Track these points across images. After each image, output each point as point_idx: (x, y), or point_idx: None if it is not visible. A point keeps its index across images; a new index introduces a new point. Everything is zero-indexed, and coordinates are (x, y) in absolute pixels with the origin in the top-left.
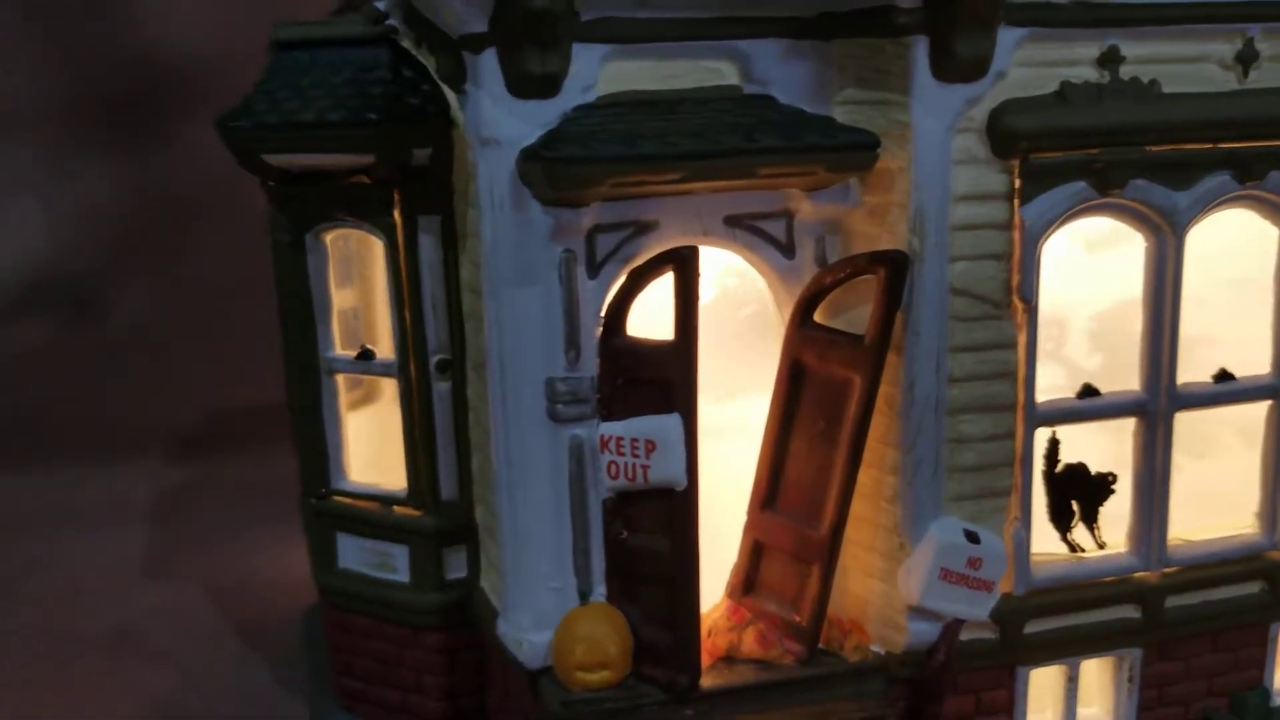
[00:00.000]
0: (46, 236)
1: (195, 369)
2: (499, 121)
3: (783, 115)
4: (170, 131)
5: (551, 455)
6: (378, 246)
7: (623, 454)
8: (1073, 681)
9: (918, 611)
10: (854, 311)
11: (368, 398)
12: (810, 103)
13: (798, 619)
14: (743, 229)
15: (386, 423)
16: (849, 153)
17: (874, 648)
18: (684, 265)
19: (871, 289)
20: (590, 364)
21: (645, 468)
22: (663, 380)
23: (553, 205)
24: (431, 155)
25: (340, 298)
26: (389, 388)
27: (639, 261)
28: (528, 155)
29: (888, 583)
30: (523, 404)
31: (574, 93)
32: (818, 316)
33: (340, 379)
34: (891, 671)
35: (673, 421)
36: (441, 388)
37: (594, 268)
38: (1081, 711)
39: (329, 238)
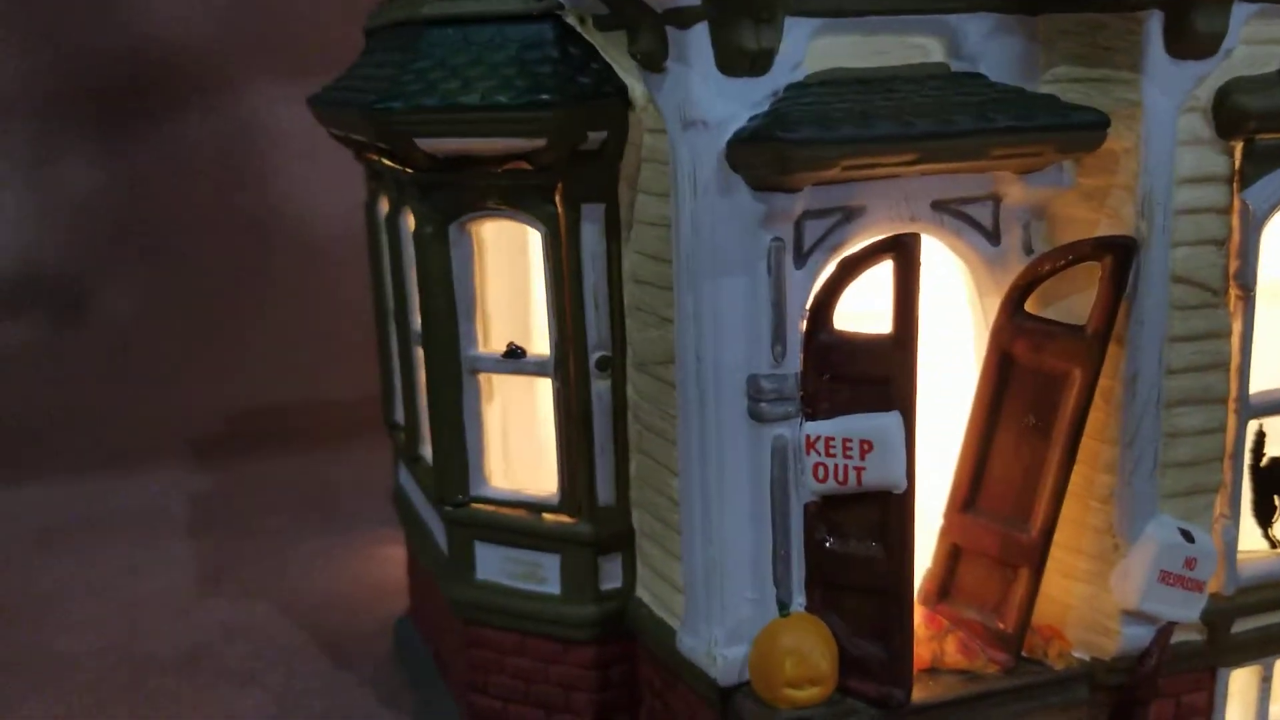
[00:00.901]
0: (31, 231)
1: (195, 369)
2: (707, 101)
3: (1005, 94)
4: (158, 125)
5: (752, 457)
6: (519, 238)
7: (833, 455)
8: (1266, 681)
9: (1132, 615)
10: (1065, 301)
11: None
12: (1018, 81)
13: (1002, 626)
14: (949, 214)
15: (511, 424)
16: (1081, 132)
17: (1076, 654)
18: (905, 253)
19: (1086, 276)
20: (795, 360)
21: (859, 470)
22: (879, 377)
23: (765, 190)
24: (605, 139)
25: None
26: (515, 387)
27: (847, 250)
28: (752, 136)
29: (1095, 586)
30: (723, 403)
31: (784, 71)
32: (1026, 307)
33: (482, 379)
34: (1097, 678)
35: (892, 420)
36: (600, 386)
37: (801, 257)
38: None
39: (475, 229)
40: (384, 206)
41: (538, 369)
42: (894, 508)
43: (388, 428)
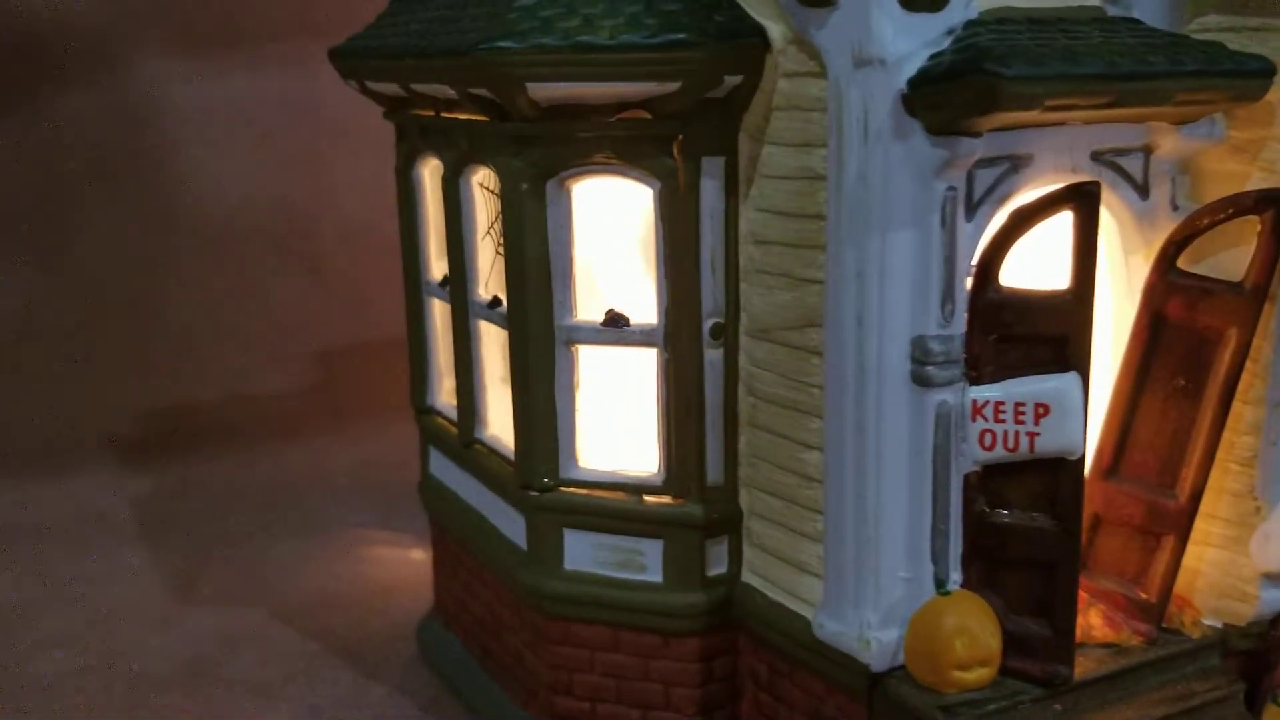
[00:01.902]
0: None
1: (99, 367)
2: (887, 38)
3: (1173, 39)
4: (40, 103)
5: (912, 426)
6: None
7: (1002, 421)
8: None
9: (1272, 579)
10: (1212, 258)
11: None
12: (1166, 27)
13: (1144, 596)
14: (1106, 165)
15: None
16: (1255, 80)
17: (1206, 621)
18: (1087, 202)
19: (1237, 232)
20: (960, 320)
21: (1033, 435)
22: (1055, 336)
23: (946, 134)
24: (738, 85)
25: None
26: (599, 359)
27: (1013, 201)
28: (948, 72)
29: (1232, 551)
30: (885, 368)
31: (959, 7)
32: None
33: (577, 351)
34: (1230, 644)
35: (1071, 381)
36: (713, 356)
37: (971, 208)
38: None
39: (573, 186)
40: (425, 169)
41: (643, 339)
42: (1066, 475)
43: (417, 413)
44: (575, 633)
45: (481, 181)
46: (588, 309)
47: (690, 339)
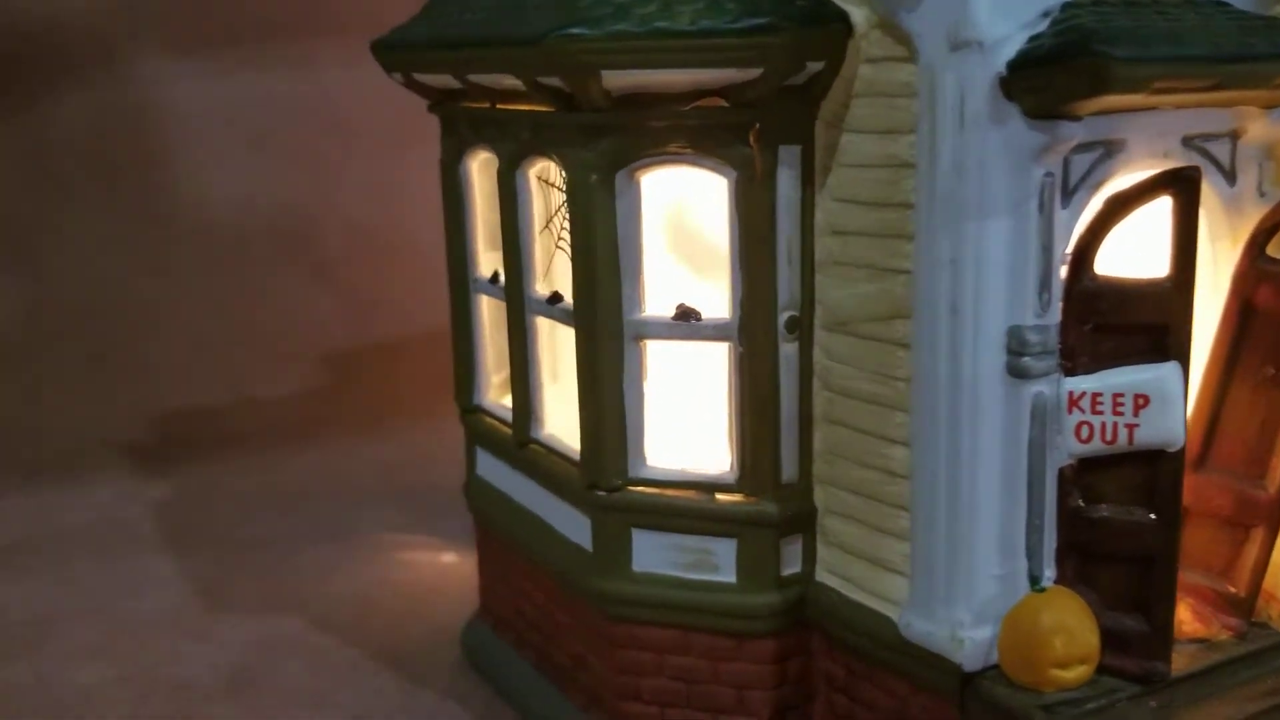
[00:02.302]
0: None
1: (102, 372)
2: (985, 19)
3: (1265, 22)
4: (38, 104)
5: (1007, 419)
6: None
7: (1099, 412)
8: None
9: None
10: None
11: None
12: (1252, 9)
13: (1233, 589)
14: (1196, 151)
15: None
16: None
17: None
18: (1188, 188)
19: None
20: (1056, 309)
21: (1132, 427)
22: (1153, 325)
23: (1045, 119)
24: (819, 72)
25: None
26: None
27: (1107, 187)
28: (1052, 54)
29: None
30: (980, 359)
31: None
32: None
33: (646, 346)
34: None
35: (1170, 371)
36: (788, 350)
37: (1066, 195)
38: None
39: (642, 177)
40: (473, 163)
41: (716, 333)
42: (1165, 467)
43: (462, 413)
44: (643, 636)
45: (540, 174)
46: (656, 303)
47: (765, 333)
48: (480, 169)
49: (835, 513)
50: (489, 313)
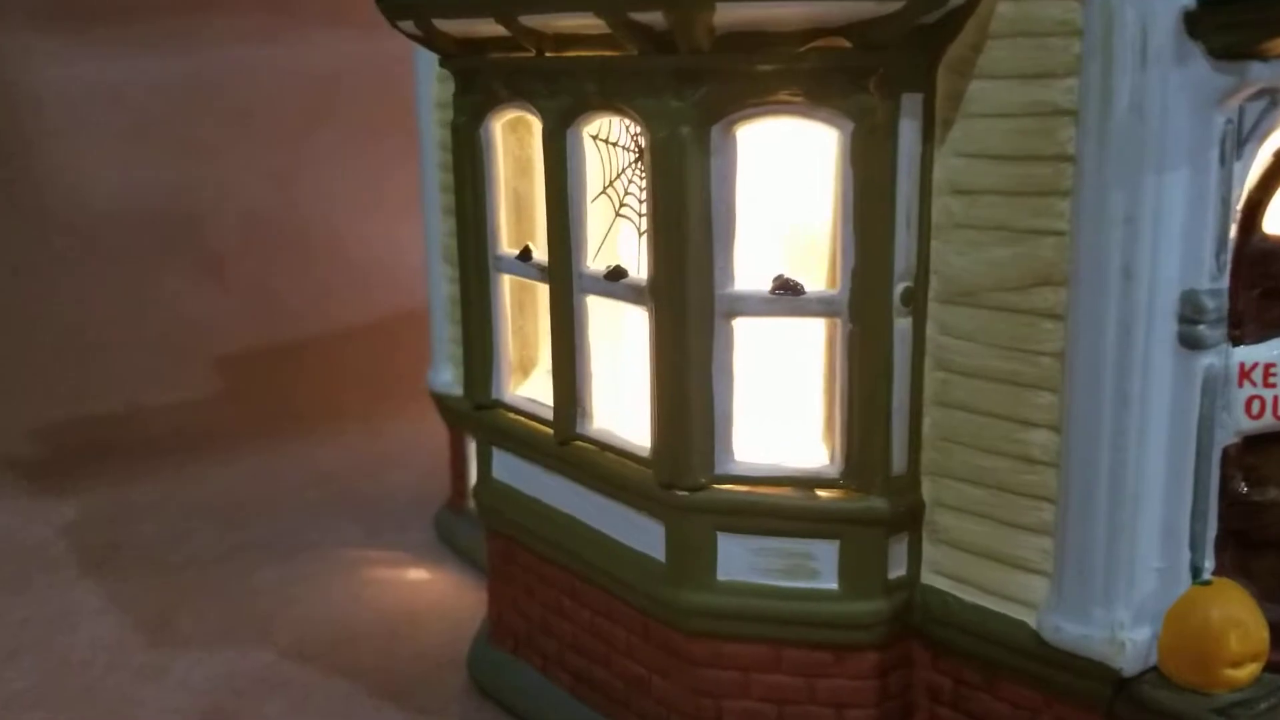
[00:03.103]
0: None
1: None
2: None
3: None
4: None
5: (1176, 394)
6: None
7: (1272, 385)
8: None
9: None
10: None
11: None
12: None
13: None
14: None
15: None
16: None
17: None
18: None
19: None
20: (1227, 272)
21: None
22: None
23: (1233, 58)
24: (959, 8)
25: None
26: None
27: (1273, 138)
28: None
29: None
30: (1153, 328)
31: None
32: None
33: (736, 325)
34: None
35: None
36: (902, 326)
37: (1239, 145)
38: None
39: (740, 131)
40: (497, 124)
41: (822, 308)
42: None
43: (475, 409)
44: (727, 653)
45: (597, 133)
46: (748, 276)
47: (879, 307)
48: (506, 131)
49: (948, 507)
50: (513, 294)
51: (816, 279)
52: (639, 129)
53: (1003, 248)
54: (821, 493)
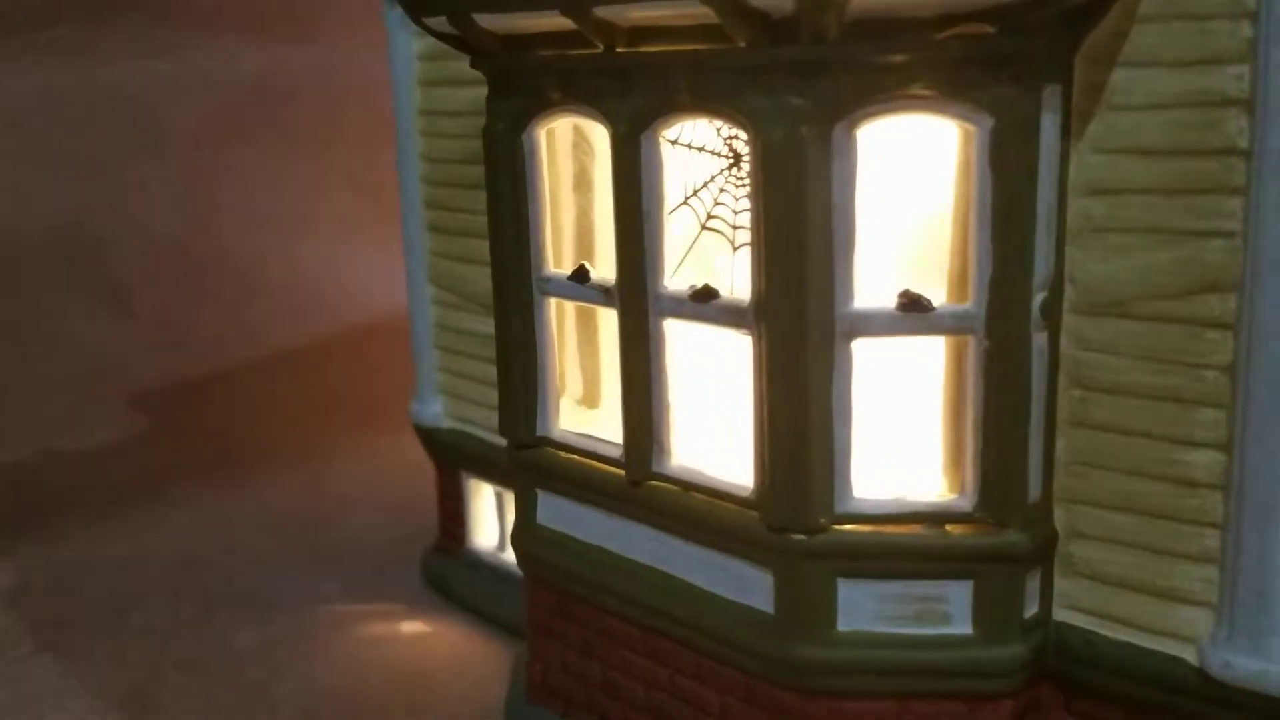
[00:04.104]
0: None
1: None
2: None
3: None
4: None
5: None
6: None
7: None
8: None
9: None
10: None
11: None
12: None
13: None
14: None
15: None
16: None
17: None
18: None
19: None
20: None
21: None
22: None
23: None
24: None
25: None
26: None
27: None
28: None
29: None
30: None
31: None
32: None
33: (856, 347)
34: None
35: None
36: (1040, 341)
37: None
38: None
39: (862, 131)
40: (541, 131)
41: (955, 324)
42: None
43: (516, 449)
44: (849, 710)
45: (676, 138)
46: (866, 292)
47: (1018, 321)
48: (552, 138)
49: (1087, 536)
50: (566, 319)
51: (936, 291)
52: (736, 131)
53: (1157, 252)
54: (952, 528)
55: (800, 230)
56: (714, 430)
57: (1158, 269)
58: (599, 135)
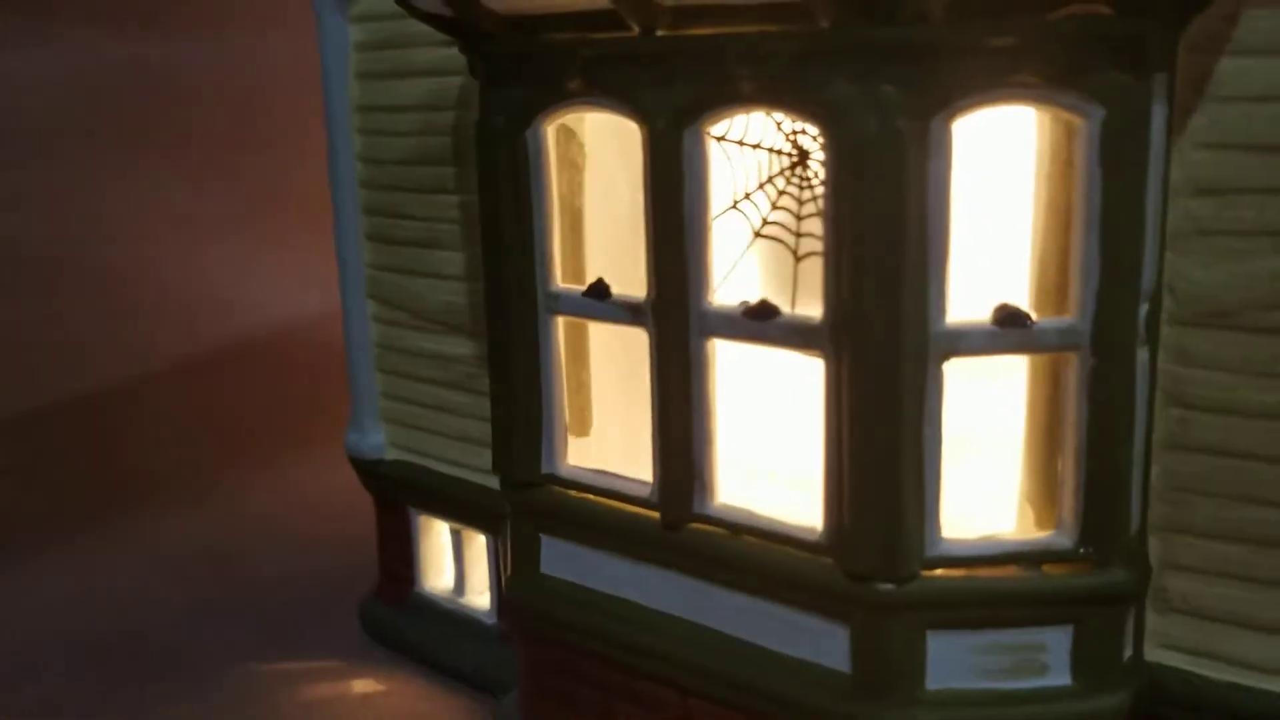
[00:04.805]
0: None
1: None
2: None
3: None
4: None
5: None
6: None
7: None
8: None
9: None
10: None
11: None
12: None
13: None
14: None
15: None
16: None
17: None
18: None
19: None
20: None
21: None
22: None
23: None
24: None
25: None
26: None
27: None
28: None
29: None
30: None
31: None
32: None
33: (949, 368)
34: None
35: None
36: (1143, 357)
37: None
38: None
39: (954, 124)
40: (548, 127)
41: (1059, 340)
42: None
43: (516, 488)
44: None
45: (725, 133)
46: (959, 307)
47: (1127, 335)
48: (559, 136)
49: (1185, 568)
50: (573, 343)
51: (1021, 303)
52: (806, 125)
53: (1271, 258)
54: (1049, 568)
55: (894, 238)
56: (771, 464)
57: (1271, 277)
58: (597, 133)
